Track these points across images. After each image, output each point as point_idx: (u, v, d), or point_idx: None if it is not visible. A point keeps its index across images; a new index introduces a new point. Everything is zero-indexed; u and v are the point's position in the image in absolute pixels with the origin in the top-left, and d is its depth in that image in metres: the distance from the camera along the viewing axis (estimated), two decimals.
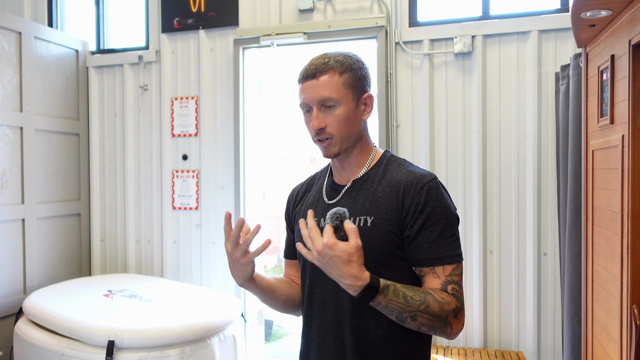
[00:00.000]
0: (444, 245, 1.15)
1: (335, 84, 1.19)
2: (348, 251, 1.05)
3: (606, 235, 1.81)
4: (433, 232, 1.15)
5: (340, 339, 1.22)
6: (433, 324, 1.10)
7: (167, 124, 3.45)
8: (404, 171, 1.23)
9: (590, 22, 1.78)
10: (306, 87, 1.22)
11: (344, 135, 1.21)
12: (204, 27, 3.33)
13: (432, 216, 1.15)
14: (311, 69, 1.21)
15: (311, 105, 1.21)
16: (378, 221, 1.18)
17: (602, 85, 1.83)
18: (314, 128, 1.21)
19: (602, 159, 1.86)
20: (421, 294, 1.10)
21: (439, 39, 2.92)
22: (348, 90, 1.20)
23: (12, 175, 3.05)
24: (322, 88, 1.19)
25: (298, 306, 1.39)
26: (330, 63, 1.20)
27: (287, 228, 1.44)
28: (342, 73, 1.20)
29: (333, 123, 1.20)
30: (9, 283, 3.02)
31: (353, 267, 1.05)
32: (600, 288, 1.89)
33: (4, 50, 3.01)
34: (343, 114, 1.20)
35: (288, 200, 1.44)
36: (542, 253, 2.77)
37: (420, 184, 1.17)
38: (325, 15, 3.11)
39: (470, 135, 2.89)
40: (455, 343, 2.90)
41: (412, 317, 1.09)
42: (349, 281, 1.05)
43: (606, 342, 1.82)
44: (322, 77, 1.20)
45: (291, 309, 1.39)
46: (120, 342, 2.26)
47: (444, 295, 1.12)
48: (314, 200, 1.33)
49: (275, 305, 1.37)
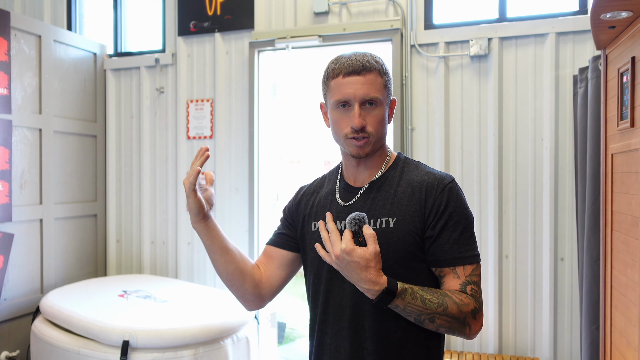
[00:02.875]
0: (465, 245, 1.16)
1: (379, 84, 1.20)
2: (366, 257, 1.06)
3: (626, 240, 1.78)
4: (454, 232, 1.16)
5: (357, 344, 1.20)
6: (451, 325, 1.11)
7: (183, 126, 3.48)
8: (423, 172, 1.23)
9: (610, 24, 1.75)
10: (349, 82, 1.18)
11: (379, 135, 1.22)
12: (220, 30, 3.36)
13: (454, 216, 1.16)
14: (356, 65, 1.19)
15: (353, 101, 1.18)
16: (401, 222, 1.18)
17: (622, 88, 1.80)
18: (358, 125, 1.17)
19: (622, 162, 1.83)
20: (439, 296, 1.10)
21: (454, 42, 2.91)
22: (384, 92, 1.21)
23: (31, 176, 3.10)
24: (368, 86, 1.18)
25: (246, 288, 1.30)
26: (373, 63, 1.20)
27: (281, 220, 1.41)
28: (383, 75, 1.21)
29: (373, 122, 1.20)
30: (26, 282, 3.07)
31: (371, 273, 1.06)
32: (620, 294, 1.86)
33: (24, 53, 3.06)
34: (382, 114, 1.21)
35: (294, 197, 1.42)
36: (559, 258, 2.73)
37: (442, 185, 1.18)
38: (340, 18, 3.11)
39: (486, 139, 2.86)
40: (469, 348, 2.87)
41: (430, 319, 1.10)
42: (366, 285, 1.07)
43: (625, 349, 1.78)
44: (368, 75, 1.19)
45: (236, 285, 1.30)
46: (135, 342, 2.27)
47: (463, 296, 1.12)
48: (325, 202, 1.30)
49: (222, 270, 1.28)
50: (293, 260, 1.36)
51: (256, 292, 1.32)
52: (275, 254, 1.36)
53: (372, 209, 1.22)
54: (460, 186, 3.02)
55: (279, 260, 1.35)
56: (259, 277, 1.33)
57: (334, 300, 1.23)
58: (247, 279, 1.30)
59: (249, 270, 1.31)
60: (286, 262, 1.36)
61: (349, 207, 1.24)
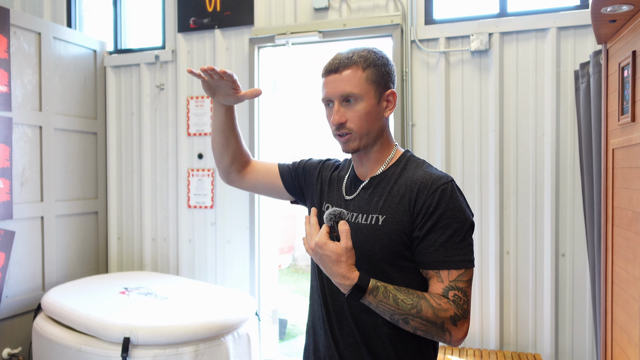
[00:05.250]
0: (452, 249, 1.12)
1: (358, 79, 1.18)
2: (337, 252, 1.09)
3: (627, 235, 1.77)
4: (442, 235, 1.13)
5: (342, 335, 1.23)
6: (427, 329, 1.09)
7: (183, 123, 3.47)
8: (421, 172, 1.20)
9: (611, 18, 1.74)
10: (329, 82, 1.21)
11: (363, 131, 1.21)
12: (220, 27, 3.35)
13: (443, 219, 1.13)
14: (334, 63, 1.21)
15: (333, 99, 1.21)
16: (390, 220, 1.17)
17: (623, 82, 1.79)
18: (334, 123, 1.20)
19: (623, 157, 1.82)
20: (414, 298, 1.09)
21: (455, 37, 2.89)
22: (370, 86, 1.19)
23: (32, 173, 3.10)
24: (344, 83, 1.19)
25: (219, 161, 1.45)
26: (354, 58, 1.19)
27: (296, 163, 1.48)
28: (365, 68, 1.19)
29: (353, 118, 1.20)
30: (28, 279, 3.07)
31: (341, 267, 1.09)
32: (620, 289, 1.85)
33: (24, 50, 3.06)
34: (364, 109, 1.19)
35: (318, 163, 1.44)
36: (560, 254, 2.73)
37: (435, 186, 1.15)
38: (340, 14, 3.10)
39: (487, 134, 2.85)
40: (470, 344, 2.87)
41: (404, 320, 1.09)
42: (338, 279, 1.10)
43: (626, 345, 1.78)
44: (345, 71, 1.19)
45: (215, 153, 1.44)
46: (136, 338, 2.28)
47: (443, 301, 1.10)
48: (334, 192, 1.33)
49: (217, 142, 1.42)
50: (277, 190, 1.48)
51: (226, 176, 1.48)
52: (271, 173, 1.47)
53: (366, 204, 1.23)
54: (461, 182, 3.00)
55: (269, 179, 1.47)
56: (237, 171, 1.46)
57: (325, 291, 1.27)
58: (222, 163, 1.45)
59: (227, 159, 1.44)
60: (271, 186, 1.47)
61: (351, 201, 1.26)
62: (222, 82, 1.29)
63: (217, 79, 1.27)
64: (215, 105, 1.37)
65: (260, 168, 1.48)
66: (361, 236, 1.19)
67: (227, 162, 1.44)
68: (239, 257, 3.34)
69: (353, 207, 1.25)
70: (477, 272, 2.85)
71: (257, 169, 1.48)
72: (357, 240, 1.19)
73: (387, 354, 1.19)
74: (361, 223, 1.20)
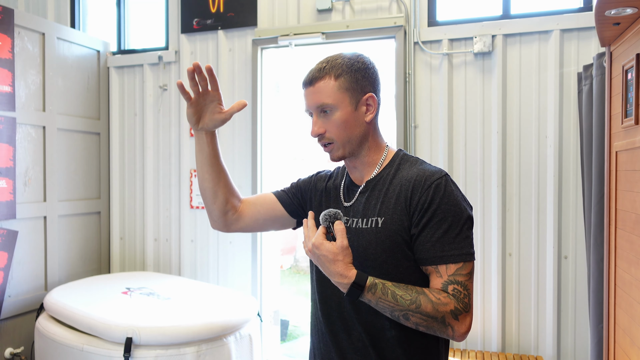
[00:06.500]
0: (449, 244, 1.13)
1: (330, 89, 1.20)
2: (333, 251, 1.10)
3: (630, 238, 1.77)
4: (438, 230, 1.13)
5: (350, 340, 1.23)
6: (429, 324, 1.09)
7: (186, 123, 3.48)
8: (415, 170, 1.21)
9: (615, 20, 1.74)
10: (306, 95, 1.25)
11: (344, 139, 1.23)
12: (223, 28, 3.36)
13: (438, 214, 1.13)
14: (309, 76, 1.24)
15: (311, 111, 1.25)
16: (388, 222, 1.18)
17: (627, 85, 1.79)
18: (312, 134, 1.24)
19: (626, 160, 1.82)
20: (413, 294, 1.10)
21: (458, 39, 2.89)
22: (344, 94, 1.20)
23: (35, 173, 3.11)
24: (318, 95, 1.21)
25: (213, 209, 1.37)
26: (326, 68, 1.21)
27: (292, 185, 1.45)
28: (338, 77, 1.20)
29: (331, 128, 1.22)
30: (30, 279, 3.08)
31: (339, 266, 1.10)
32: (624, 292, 1.85)
33: (28, 50, 3.07)
34: (340, 118, 1.21)
35: (311, 178, 1.44)
36: (562, 256, 2.72)
37: (429, 182, 1.16)
38: (343, 15, 3.11)
39: (490, 136, 2.85)
40: (472, 346, 2.87)
41: (404, 316, 1.09)
42: (336, 278, 1.11)
43: (629, 348, 1.77)
44: (317, 83, 1.21)
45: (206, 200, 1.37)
46: (138, 339, 2.28)
47: (442, 295, 1.10)
48: (335, 195, 1.34)
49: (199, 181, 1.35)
50: (280, 218, 1.42)
51: (223, 218, 1.38)
52: (269, 202, 1.42)
53: (365, 208, 1.23)
54: (464, 184, 3.00)
55: (269, 209, 1.41)
56: (234, 208, 1.39)
57: (327, 294, 1.27)
58: (217, 202, 1.36)
59: (222, 196, 1.35)
60: (273, 215, 1.42)
61: (350, 207, 1.27)
62: (208, 97, 1.25)
63: (204, 90, 1.24)
64: (199, 138, 1.30)
65: (255, 201, 1.42)
66: (363, 240, 1.19)
67: (222, 200, 1.36)
68: (241, 258, 3.35)
69: (353, 213, 1.25)
70: (479, 274, 2.85)
71: (253, 203, 1.42)
72: (360, 245, 1.19)
73: (396, 357, 1.19)
74: (362, 227, 1.21)
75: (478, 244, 2.86)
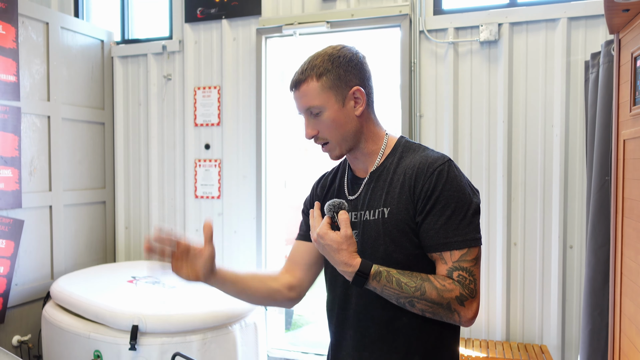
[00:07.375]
0: (453, 230, 1.12)
1: (314, 91, 1.19)
2: (337, 240, 1.12)
3: (637, 226, 1.76)
4: (441, 216, 1.12)
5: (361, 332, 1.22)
6: (435, 310, 1.10)
7: (190, 113, 3.48)
8: (417, 157, 1.20)
9: (625, 7, 1.72)
10: (294, 98, 1.25)
11: (338, 138, 1.22)
12: (227, 17, 3.34)
13: (441, 200, 1.12)
14: (293, 79, 1.23)
15: (302, 114, 1.25)
16: (394, 211, 1.17)
17: (636, 73, 1.77)
18: (306, 137, 1.24)
19: (634, 148, 1.81)
20: (418, 281, 1.10)
21: (464, 27, 2.87)
22: (329, 93, 1.19)
23: (40, 163, 3.11)
24: (304, 98, 1.21)
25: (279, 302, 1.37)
26: (307, 71, 1.20)
27: (303, 212, 1.43)
28: (320, 77, 1.19)
29: (323, 129, 1.22)
30: (37, 268, 3.10)
31: (343, 255, 1.12)
32: (630, 281, 1.84)
33: (32, 40, 3.06)
34: (329, 117, 1.20)
35: (312, 191, 1.43)
36: (567, 246, 2.72)
37: (432, 169, 1.15)
38: (348, 4, 3.08)
39: (496, 125, 2.84)
40: (477, 335, 2.87)
41: (409, 303, 1.10)
42: (341, 267, 1.12)
43: (635, 336, 1.77)
44: (301, 87, 1.21)
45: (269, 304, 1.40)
46: (144, 326, 2.30)
47: (447, 282, 1.10)
48: (337, 196, 1.32)
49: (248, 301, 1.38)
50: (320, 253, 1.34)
51: (289, 302, 1.37)
52: (302, 251, 1.37)
53: (370, 199, 1.22)
54: (469, 173, 3.00)
55: (306, 257, 1.37)
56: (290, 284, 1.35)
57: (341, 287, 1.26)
58: (272, 302, 1.37)
59: (269, 297, 1.34)
60: (314, 256, 1.36)
61: (355, 200, 1.26)
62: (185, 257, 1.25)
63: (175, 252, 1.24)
64: (211, 285, 1.29)
65: (294, 263, 1.38)
66: (372, 232, 1.19)
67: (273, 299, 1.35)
68: (246, 248, 3.36)
69: (360, 206, 1.24)
70: (484, 263, 2.85)
71: (293, 266, 1.37)
72: (369, 237, 1.19)
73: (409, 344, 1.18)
74: (370, 219, 1.20)
75: (483, 233, 2.84)
